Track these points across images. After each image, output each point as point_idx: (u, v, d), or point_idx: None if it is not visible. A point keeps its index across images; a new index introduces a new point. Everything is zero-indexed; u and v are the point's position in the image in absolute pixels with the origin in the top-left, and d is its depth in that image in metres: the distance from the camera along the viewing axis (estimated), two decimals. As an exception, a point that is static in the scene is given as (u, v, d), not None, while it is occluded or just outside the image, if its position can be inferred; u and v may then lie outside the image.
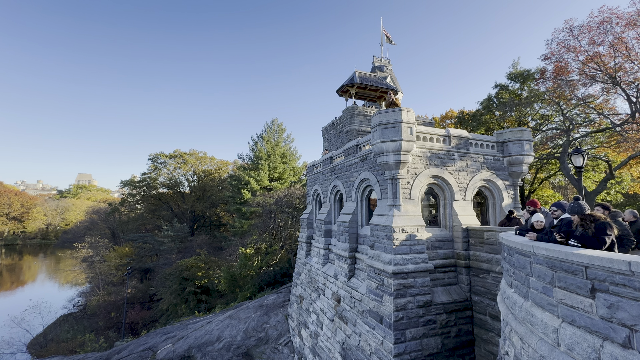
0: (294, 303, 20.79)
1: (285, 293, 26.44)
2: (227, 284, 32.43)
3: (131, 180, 59.37)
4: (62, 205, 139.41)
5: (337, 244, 16.07)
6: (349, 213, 15.08)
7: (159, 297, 37.48)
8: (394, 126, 11.81)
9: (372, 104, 27.88)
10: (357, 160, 15.03)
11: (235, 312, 24.08)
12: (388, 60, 30.72)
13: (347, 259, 14.65)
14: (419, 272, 11.28)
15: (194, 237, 46.72)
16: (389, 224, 11.57)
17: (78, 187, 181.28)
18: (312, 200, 21.52)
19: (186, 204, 54.82)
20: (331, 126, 27.15)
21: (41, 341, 34.74)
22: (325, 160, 19.30)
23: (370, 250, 12.56)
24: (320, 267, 17.65)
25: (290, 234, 35.01)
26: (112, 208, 63.36)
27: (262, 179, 42.86)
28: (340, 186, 16.76)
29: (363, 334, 12.00)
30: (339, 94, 26.39)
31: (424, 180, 12.64)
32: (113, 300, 39.85)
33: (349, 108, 24.08)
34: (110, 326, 36.02)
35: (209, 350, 20.00)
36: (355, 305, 13.15)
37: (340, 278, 15.01)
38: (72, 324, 37.96)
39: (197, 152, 59.97)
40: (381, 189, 12.94)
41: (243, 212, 41.05)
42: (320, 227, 18.44)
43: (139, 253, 49.08)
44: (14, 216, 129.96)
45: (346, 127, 23.73)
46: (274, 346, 19.57)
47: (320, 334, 15.66)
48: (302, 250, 21.33)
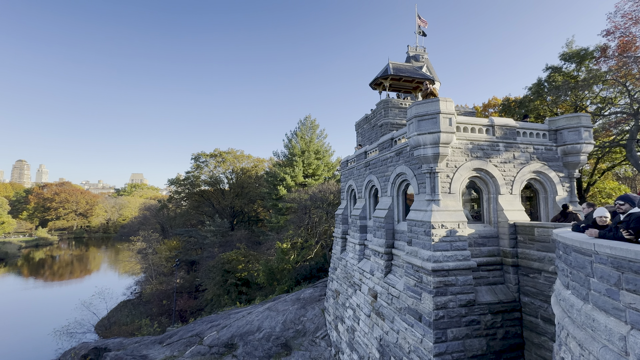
0: (330, 297, 20.99)
1: (321, 287, 26.79)
2: (265, 277, 33.65)
3: (177, 178, 63.79)
4: (119, 202, 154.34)
5: (372, 239, 15.88)
6: (385, 208, 14.79)
7: (204, 287, 40.00)
8: (432, 117, 11.30)
9: (407, 96, 26.93)
10: (393, 154, 14.65)
11: (274, 304, 24.93)
12: (424, 49, 29.40)
13: (383, 255, 14.43)
14: (461, 270, 10.77)
15: (234, 232, 49.06)
16: (427, 220, 11.16)
17: (132, 186, 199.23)
18: (346, 196, 21.45)
19: (226, 201, 57.63)
20: (364, 120, 26.74)
21: (106, 323, 38.98)
22: (359, 155, 19.08)
23: (408, 247, 12.23)
24: (355, 263, 17.59)
25: (325, 230, 35.30)
26: (161, 205, 68.67)
27: (296, 175, 43.60)
28: (375, 181, 16.48)
29: (401, 331, 11.78)
30: (372, 87, 25.85)
31: (465, 173, 11.97)
32: (164, 289, 43.36)
33: (382, 101, 23.51)
34: (163, 312, 39.29)
35: (250, 339, 20.98)
36: (392, 302, 12.93)
37: (376, 274, 14.84)
38: (131, 309, 42.04)
39: (234, 151, 62.62)
40: (418, 184, 12.50)
41: (279, 208, 42.18)
42: (355, 223, 18.34)
43: (185, 246, 52.69)
44: (80, 212, 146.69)
45: (380, 120, 23.21)
46: (311, 339, 19.98)
47: (357, 329, 15.66)
48: (337, 246, 21.40)
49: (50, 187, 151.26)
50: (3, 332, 39.05)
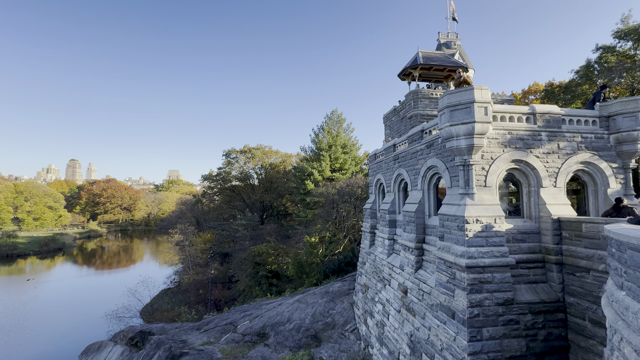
0: (359, 292, 20.98)
1: (350, 281, 26.84)
2: (294, 270, 34.34)
3: (209, 174, 66.66)
4: (158, 197, 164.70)
5: (402, 234, 15.58)
6: (415, 202, 14.41)
7: (237, 278, 41.71)
8: (466, 107, 10.75)
9: (438, 85, 25.83)
10: (423, 146, 14.18)
11: (303, 296, 25.41)
12: (456, 35, 27.95)
13: (413, 250, 14.11)
14: (497, 267, 10.25)
15: (264, 226, 50.48)
16: (460, 214, 10.72)
17: (169, 182, 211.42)
18: (374, 190, 21.17)
19: (256, 195, 59.32)
20: (393, 113, 26.09)
21: (149, 309, 42.09)
22: (388, 149, 18.69)
23: (440, 242, 11.85)
24: (385, 258, 17.39)
25: (353, 224, 35.19)
26: (196, 200, 72.27)
27: (324, 169, 43.73)
28: (405, 174, 16.08)
29: (433, 328, 11.51)
30: (401, 77, 25.08)
31: (503, 165, 11.29)
32: (200, 279, 45.84)
33: (411, 92, 22.76)
34: (199, 301, 41.60)
35: (280, 329, 21.62)
36: (423, 298, 12.65)
37: (406, 269, 14.57)
38: (171, 297, 44.99)
39: (263, 147, 64.07)
40: (451, 177, 12.01)
41: (307, 202, 42.65)
42: (384, 217, 18.08)
43: (219, 239, 55.14)
44: (125, 207, 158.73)
45: (409, 112, 22.52)
46: (340, 332, 20.16)
47: (387, 324, 15.54)
48: (366, 240, 21.26)
49: (99, 184, 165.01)
50: (65, 314, 43.66)
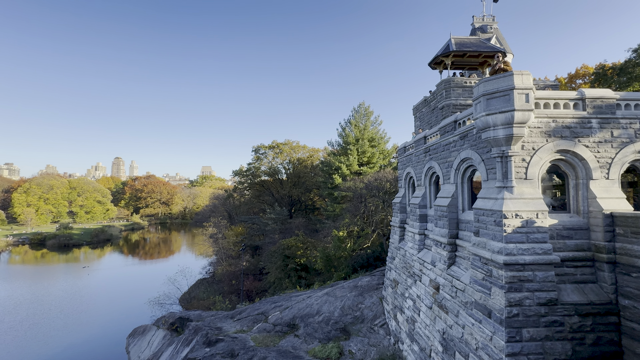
0: (389, 287, 20.74)
1: (379, 276, 26.61)
2: (323, 263, 34.67)
3: (240, 170, 68.87)
4: (193, 192, 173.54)
5: (434, 229, 15.10)
6: (448, 196, 13.87)
7: (267, 270, 42.98)
8: (504, 94, 10.08)
9: (473, 73, 24.46)
10: (456, 138, 13.55)
11: (332, 290, 25.62)
12: (492, 18, 26.20)
13: (446, 246, 13.64)
14: (540, 265, 9.61)
15: (292, 220, 51.32)
16: (498, 209, 10.15)
17: (202, 178, 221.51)
18: (404, 184, 20.66)
19: (284, 190, 60.39)
20: (423, 103, 25.16)
21: (187, 297, 44.75)
22: (418, 141, 18.10)
23: (475, 237, 11.33)
24: (415, 253, 16.99)
25: (381, 218, 34.71)
26: (227, 194, 75.06)
27: (351, 163, 43.41)
28: (436, 167, 15.51)
29: (467, 327, 11.10)
30: (432, 66, 24.05)
31: (546, 156, 10.49)
32: (233, 271, 47.83)
33: (443, 81, 21.77)
34: (232, 291, 43.49)
35: (310, 321, 22.02)
36: (457, 295, 12.22)
37: (438, 265, 14.14)
38: (206, 286, 47.45)
39: (291, 142, 64.87)
40: (487, 169, 11.39)
41: (335, 197, 42.68)
42: (414, 212, 17.62)
43: (250, 232, 57.01)
44: (163, 201, 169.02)
45: (441, 102, 21.58)
46: (369, 326, 20.11)
47: (418, 321, 15.24)
48: (395, 235, 20.89)
49: (140, 180, 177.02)
50: (114, 299, 47.79)
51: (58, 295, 49.83)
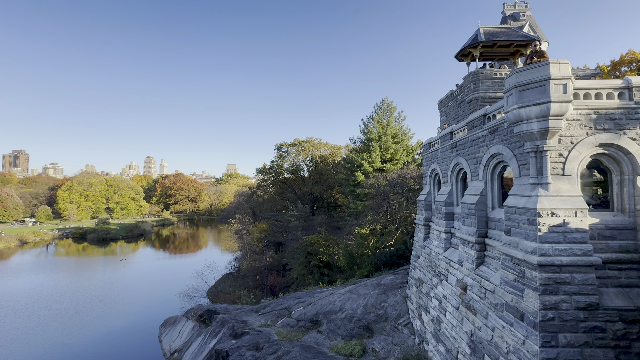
0: (413, 286, 20.34)
1: (402, 275, 26.16)
2: (345, 260, 34.62)
3: (263, 167, 70.16)
4: (219, 189, 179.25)
5: (461, 227, 14.59)
6: (476, 194, 13.33)
7: (290, 267, 43.59)
8: (539, 85, 9.49)
9: (504, 63, 23.26)
10: (485, 132, 12.96)
11: (355, 287, 25.54)
12: (525, 4, 24.72)
13: (474, 245, 13.13)
14: (578, 267, 9.00)
15: (315, 217, 51.64)
16: (531, 207, 9.61)
17: (227, 175, 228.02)
18: (429, 181, 20.11)
19: (306, 187, 60.82)
20: (449, 97, 24.28)
21: (214, 291, 46.43)
22: (444, 136, 17.51)
23: (505, 237, 10.82)
24: (441, 252, 16.52)
25: (405, 216, 34.04)
26: (251, 192, 76.83)
27: (374, 160, 42.87)
28: (464, 164, 14.94)
29: (497, 329, 10.65)
30: (459, 58, 23.11)
31: (586, 150, 9.78)
32: (257, 266, 48.97)
33: (471, 73, 20.86)
34: (257, 286, 44.57)
35: (333, 318, 22.10)
36: (486, 296, 11.75)
37: (466, 265, 13.66)
38: (232, 281, 48.97)
39: (313, 140, 65.10)
40: (519, 165, 10.81)
41: (357, 194, 42.39)
42: (440, 209, 17.11)
43: (273, 229, 58.05)
44: (191, 198, 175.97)
45: (469, 95, 20.71)
46: (393, 325, 19.85)
47: (444, 321, 14.84)
48: (420, 233, 20.41)
49: (169, 178, 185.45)
50: (148, 290, 50.62)
51: (97, 285, 53.55)
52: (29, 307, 42.39)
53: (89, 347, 32.07)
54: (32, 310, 41.15)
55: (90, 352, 31.08)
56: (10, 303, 44.08)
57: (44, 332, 35.18)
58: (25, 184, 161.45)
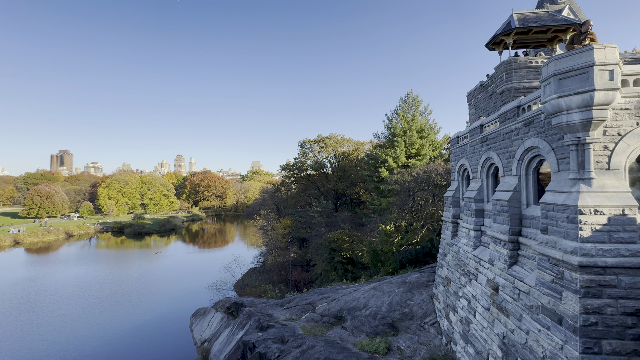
0: (440, 284, 19.79)
1: (429, 273, 25.53)
2: (369, 257, 34.35)
3: (286, 164, 71.02)
4: (244, 186, 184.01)
5: (492, 225, 13.94)
6: (509, 190, 12.66)
7: (314, 262, 43.95)
8: (581, 72, 8.79)
9: (540, 51, 21.77)
10: (520, 125, 12.24)
11: (379, 284, 25.28)
12: (564, -14, 22.90)
13: (506, 244, 12.51)
14: (626, 269, 8.31)
15: (338, 213, 51.60)
16: (571, 203, 8.97)
17: (252, 172, 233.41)
18: (457, 176, 19.37)
19: (329, 184, 60.85)
20: (479, 89, 23.16)
21: (240, 284, 47.89)
22: (473, 130, 16.76)
23: (542, 235, 10.20)
24: (470, 250, 15.90)
25: (431, 213, 33.12)
26: (275, 188, 78.12)
27: (398, 156, 42.00)
28: (495, 158, 14.23)
29: (532, 332, 10.11)
30: (490, 47, 21.94)
31: (636, 142, 8.95)
32: (281, 261, 49.86)
33: (503, 62, 19.74)
34: (281, 281, 45.42)
35: (357, 314, 22.05)
36: (519, 298, 11.18)
37: (497, 264, 13.05)
38: (257, 275, 50.23)
39: (336, 136, 64.87)
40: (558, 159, 10.11)
41: (381, 190, 41.79)
42: (469, 206, 16.45)
43: (297, 225, 58.74)
44: (218, 195, 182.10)
45: (501, 86, 19.64)
46: (419, 324, 19.46)
47: (473, 322, 14.31)
48: (447, 231, 19.77)
49: (198, 175, 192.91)
50: (179, 283, 53.27)
51: (134, 277, 57.11)
52: (75, 295, 46.14)
53: (128, 334, 34.37)
54: (77, 299, 44.75)
55: (128, 338, 33.33)
56: (60, 291, 48.22)
57: (88, 318, 38.14)
58: (70, 182, 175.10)
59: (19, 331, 34.76)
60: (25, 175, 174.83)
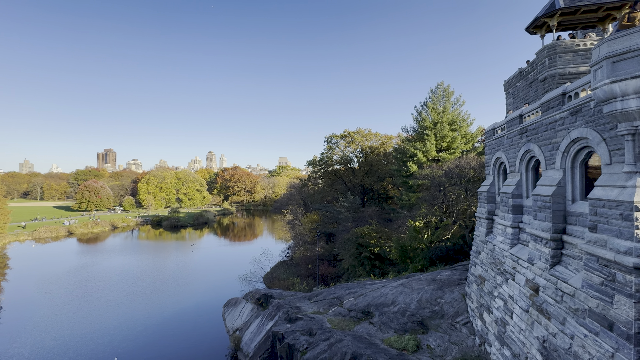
0: (473, 283, 19.00)
1: (460, 271, 24.61)
2: (397, 253, 33.75)
3: (313, 160, 71.39)
4: (272, 181, 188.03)
5: (532, 222, 13.08)
6: (552, 184, 11.77)
7: (341, 257, 44.04)
8: (639, 54, 7.89)
9: (589, 32, 19.85)
10: (565, 114, 11.29)
11: (408, 281, 24.79)
12: (620, -42, 20.57)
13: (548, 242, 11.68)
14: (692, 272, 7.42)
15: (365, 209, 51.10)
16: (626, 199, 8.15)
17: (280, 168, 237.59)
18: (493, 170, 18.35)
19: (356, 179, 60.33)
20: (518, 77, 21.65)
21: (269, 277, 49.25)
22: (512, 121, 15.73)
23: (590, 234, 9.39)
24: (506, 248, 15.07)
25: (463, 209, 31.76)
26: (302, 183, 78.86)
27: (428, 150, 40.62)
28: (536, 150, 13.27)
29: (577, 337, 9.41)
30: (530, 31, 20.35)
31: None
32: (309, 255, 50.49)
33: (546, 47, 18.24)
34: (309, 275, 46.07)
35: (385, 310, 21.82)
36: (563, 300, 10.43)
37: (537, 264, 12.25)
38: (285, 268, 51.34)
39: (362, 130, 63.99)
40: (610, 150, 9.21)
41: (410, 185, 40.74)
42: (506, 202, 15.55)
43: (323, 220, 59.06)
44: (247, 190, 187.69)
45: (543, 72, 18.20)
46: (450, 322, 18.86)
47: (510, 323, 13.60)
48: (482, 227, 18.86)
49: (228, 171, 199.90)
50: (212, 274, 55.92)
51: (171, 267, 60.76)
52: (119, 283, 50.07)
53: (167, 320, 36.77)
54: (122, 286, 48.54)
55: (167, 325, 35.65)
56: (106, 278, 52.56)
57: (131, 305, 41.28)
58: (114, 178, 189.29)
59: (73, 314, 38.46)
60: (76, 172, 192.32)
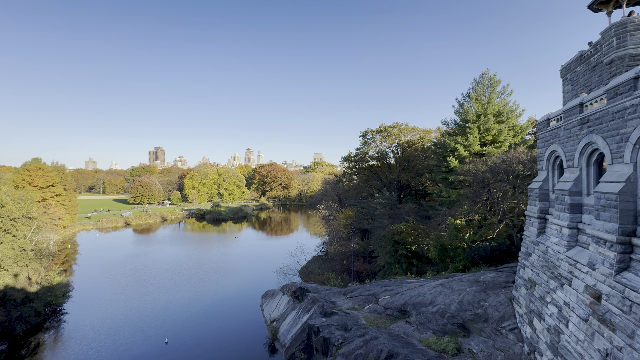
0: (522, 287, 17.63)
1: (507, 273, 22.98)
2: (436, 252, 32.44)
3: (348, 155, 70.82)
4: (307, 177, 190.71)
5: (593, 222, 11.75)
6: (619, 180, 10.44)
7: (376, 254, 43.40)
8: None
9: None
10: (637, 100, 9.91)
11: (448, 281, 23.74)
12: None
13: (614, 245, 10.42)
14: None
15: (402, 205, 49.66)
16: None
17: (315, 164, 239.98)
18: (546, 165, 16.77)
19: (392, 174, 58.82)
20: (578, 61, 19.42)
21: (305, 271, 50.16)
22: (569, 110, 14.20)
23: (668, 237, 8.18)
24: (562, 251, 13.72)
25: (511, 207, 29.55)
26: (337, 179, 78.78)
27: (471, 144, 38.27)
28: (600, 143, 11.85)
29: (650, 354, 8.31)
30: (594, 8, 18.11)
31: None
32: (344, 251, 50.50)
33: (614, 25, 16.11)
34: (343, 270, 46.12)
35: (422, 310, 21.14)
36: (632, 310, 9.26)
37: (600, 269, 11.00)
38: (320, 263, 51.91)
39: (399, 124, 62.05)
40: (697, 141, 7.91)
41: (450, 181, 38.80)
42: (562, 200, 14.14)
43: (358, 216, 58.55)
44: (283, 185, 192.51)
45: (610, 54, 16.13)
46: (495, 327, 17.73)
47: (565, 333, 12.42)
48: (532, 227, 17.38)
49: (265, 167, 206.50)
50: (251, 265, 58.45)
51: (214, 258, 64.54)
52: (168, 271, 54.39)
53: (209, 308, 39.26)
54: (170, 274, 52.69)
55: (210, 312, 38.08)
56: (157, 267, 57.37)
57: (178, 292, 44.66)
58: (163, 174, 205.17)
59: (129, 298, 42.60)
60: (131, 169, 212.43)
